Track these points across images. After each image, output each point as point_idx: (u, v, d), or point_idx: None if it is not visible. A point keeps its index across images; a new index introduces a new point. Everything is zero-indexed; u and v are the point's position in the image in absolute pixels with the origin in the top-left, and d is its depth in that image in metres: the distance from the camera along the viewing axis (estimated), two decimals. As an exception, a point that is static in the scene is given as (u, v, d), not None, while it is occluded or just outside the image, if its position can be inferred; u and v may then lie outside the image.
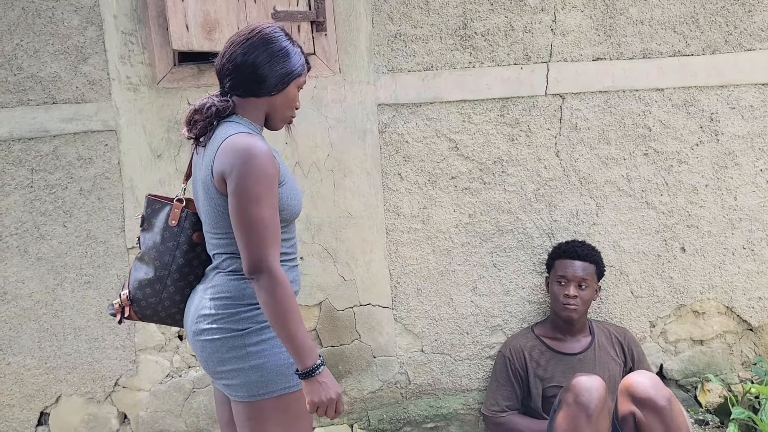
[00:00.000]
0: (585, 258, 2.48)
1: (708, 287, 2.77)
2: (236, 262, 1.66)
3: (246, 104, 1.69)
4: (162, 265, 1.75)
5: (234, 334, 1.63)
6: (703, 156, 2.71)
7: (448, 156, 2.63)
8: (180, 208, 1.77)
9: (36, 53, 2.46)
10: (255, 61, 1.64)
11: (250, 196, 1.53)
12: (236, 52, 1.65)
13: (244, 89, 1.67)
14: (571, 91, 2.63)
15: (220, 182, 1.58)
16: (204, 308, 1.67)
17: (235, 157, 1.54)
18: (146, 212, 1.82)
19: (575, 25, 2.61)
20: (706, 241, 2.75)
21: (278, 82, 1.67)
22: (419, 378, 2.72)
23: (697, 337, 2.80)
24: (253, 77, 1.65)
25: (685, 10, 2.64)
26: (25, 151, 2.50)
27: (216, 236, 1.67)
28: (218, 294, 1.67)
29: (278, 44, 1.66)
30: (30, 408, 2.59)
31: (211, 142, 1.65)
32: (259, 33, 1.66)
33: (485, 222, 2.67)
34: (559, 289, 2.46)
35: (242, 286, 1.65)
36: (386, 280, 2.65)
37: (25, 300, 2.55)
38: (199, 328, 1.68)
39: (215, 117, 1.66)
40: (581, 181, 2.68)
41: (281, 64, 1.66)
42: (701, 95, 2.68)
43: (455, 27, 2.58)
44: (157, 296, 1.76)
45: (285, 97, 1.70)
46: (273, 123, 1.75)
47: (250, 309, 1.65)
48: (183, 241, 1.76)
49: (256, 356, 1.63)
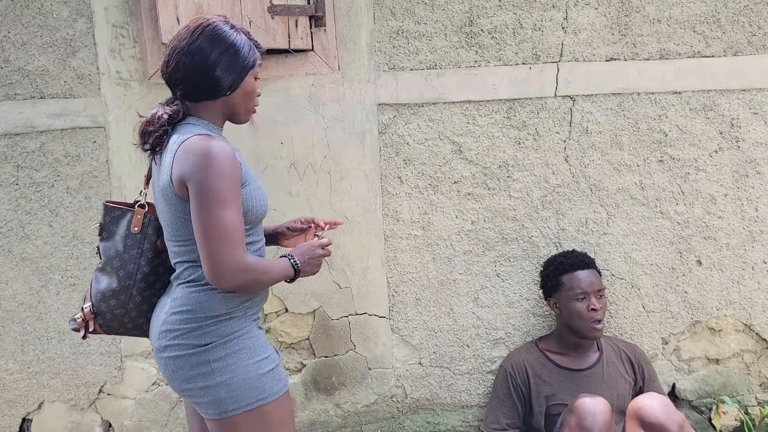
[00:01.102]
0: (591, 265, 2.36)
1: (725, 303, 2.62)
2: (197, 271, 1.59)
3: (201, 108, 1.62)
4: (126, 274, 1.68)
5: (197, 350, 1.56)
6: (723, 164, 2.56)
7: (450, 159, 2.50)
8: (142, 214, 1.70)
9: (24, 45, 2.37)
10: (204, 65, 1.55)
11: (212, 197, 1.46)
12: (181, 60, 1.56)
13: (198, 95, 1.59)
14: (582, 92, 2.49)
15: (180, 187, 1.51)
16: (165, 323, 1.60)
17: (194, 159, 1.48)
18: (104, 220, 1.73)
19: (588, 23, 2.47)
20: (724, 254, 2.59)
21: (233, 81, 1.59)
22: (416, 392, 2.59)
23: (713, 355, 2.65)
24: (206, 82, 1.57)
25: (706, 9, 2.50)
26: (11, 147, 2.41)
27: (177, 244, 1.60)
28: (179, 308, 1.59)
29: (225, 41, 1.57)
30: (12, 414, 2.50)
31: (167, 148, 1.57)
32: (201, 33, 1.56)
33: (489, 229, 2.53)
34: (581, 306, 2.28)
35: (203, 297, 1.58)
36: (383, 289, 2.53)
37: (8, 302, 2.46)
38: (161, 345, 1.61)
39: (168, 124, 1.58)
40: (591, 188, 2.54)
41: (233, 62, 1.57)
42: (721, 99, 2.53)
43: (461, 24, 2.45)
44: (122, 307, 1.68)
45: (242, 92, 1.62)
46: (237, 118, 1.68)
47: (212, 322, 1.57)
48: (147, 248, 1.69)
49: (221, 372, 1.55)
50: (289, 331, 2.51)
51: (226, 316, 1.58)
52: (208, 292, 1.58)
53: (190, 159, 1.48)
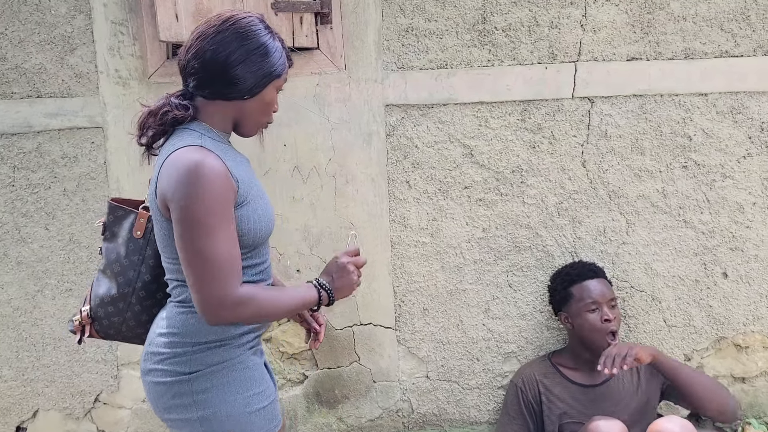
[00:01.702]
0: (600, 274, 2.25)
1: (753, 318, 2.47)
2: (186, 292, 1.42)
3: (211, 108, 1.44)
4: (126, 281, 1.55)
5: (180, 378, 1.42)
6: (752, 170, 2.41)
7: (461, 163, 2.38)
8: (146, 218, 1.55)
9: (21, 43, 2.31)
10: (227, 60, 1.38)
11: (196, 224, 1.30)
12: (204, 47, 1.39)
13: (211, 91, 1.42)
14: (601, 94, 2.36)
15: (164, 205, 1.36)
16: (152, 344, 1.48)
17: (177, 179, 1.31)
18: (108, 219, 1.61)
19: (608, 21, 2.34)
20: (751, 267, 2.44)
21: (253, 85, 1.42)
22: (423, 407, 2.48)
23: (739, 374, 2.50)
24: (223, 78, 1.40)
25: (735, 6, 2.35)
26: (8, 148, 2.35)
27: (167, 260, 1.46)
28: (165, 329, 1.46)
29: (256, 40, 1.41)
30: (5, 422, 2.44)
31: (162, 151, 1.43)
32: (233, 25, 1.40)
33: (501, 237, 2.41)
34: (594, 318, 2.15)
35: (191, 320, 1.43)
36: (389, 298, 2.42)
37: (3, 306, 2.40)
38: (146, 368, 1.48)
39: (171, 125, 1.43)
40: (610, 195, 2.40)
41: (258, 64, 1.41)
42: (751, 101, 2.38)
43: (473, 21, 2.34)
44: (120, 315, 1.56)
45: (260, 102, 1.45)
46: (245, 129, 1.50)
47: (200, 349, 1.43)
48: (149, 255, 1.55)
49: (204, 405, 1.41)
50: (290, 341, 2.41)
51: (217, 343, 1.43)
52: (198, 316, 1.41)
53: (173, 177, 1.32)
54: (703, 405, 2.11)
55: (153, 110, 1.44)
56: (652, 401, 2.21)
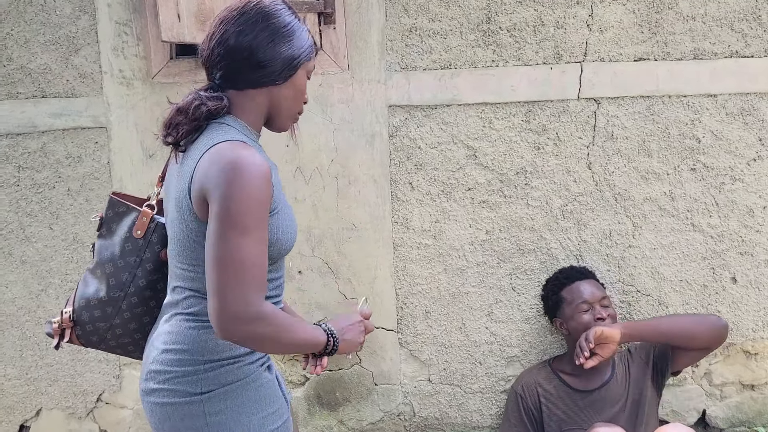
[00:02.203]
0: (590, 276, 2.24)
1: (763, 324, 2.42)
2: (200, 303, 1.33)
3: (244, 100, 1.35)
4: (118, 284, 1.44)
5: (191, 398, 1.31)
6: (762, 173, 2.36)
7: (465, 165, 2.36)
8: (149, 217, 1.46)
9: (26, 43, 2.32)
10: (252, 43, 1.31)
11: (232, 220, 1.20)
12: (228, 31, 1.32)
13: (240, 79, 1.33)
14: (607, 95, 2.33)
15: (199, 202, 1.27)
16: (155, 362, 1.35)
17: (220, 173, 1.22)
18: (106, 214, 1.50)
19: (615, 21, 2.31)
20: (762, 272, 2.39)
21: (284, 68, 1.33)
22: (425, 410, 2.46)
23: (748, 381, 2.45)
24: (251, 63, 1.31)
25: (746, 5, 2.30)
26: (13, 147, 2.37)
27: (181, 266, 1.35)
28: (172, 345, 1.34)
29: (281, 19, 1.33)
30: (9, 420, 2.46)
31: (193, 150, 1.32)
32: (256, 6, 1.33)
33: (504, 240, 2.38)
34: (587, 318, 2.14)
35: (204, 336, 1.32)
36: (392, 300, 2.40)
37: (8, 305, 2.42)
38: (148, 388, 1.36)
39: (205, 119, 1.32)
40: (616, 198, 2.37)
41: (286, 45, 1.33)
42: (761, 103, 2.33)
43: (478, 21, 2.31)
44: (107, 321, 1.44)
45: (292, 87, 1.37)
46: (279, 121, 1.41)
47: (212, 366, 1.32)
48: (148, 258, 1.45)
49: (218, 428, 1.32)
50: (292, 343, 2.40)
51: (231, 361, 1.34)
52: (211, 330, 1.30)
53: (214, 170, 1.23)
54: (696, 339, 2.13)
55: (182, 107, 1.34)
56: (645, 391, 2.18)
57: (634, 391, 2.16)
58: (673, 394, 2.44)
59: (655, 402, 2.19)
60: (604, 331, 2.01)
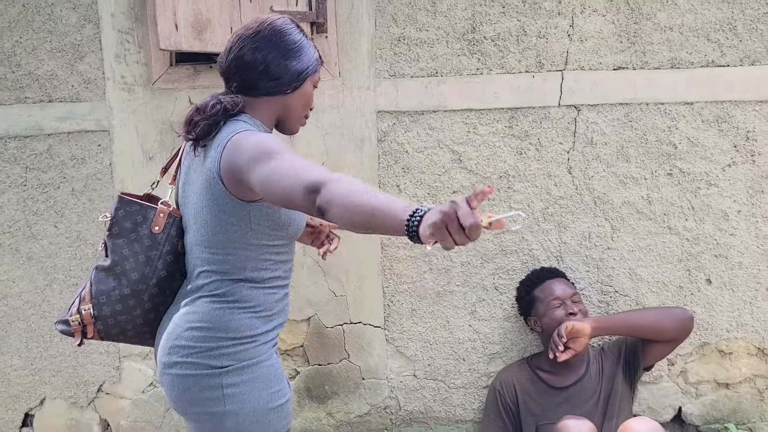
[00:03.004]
0: (559, 275, 2.32)
1: (736, 325, 2.49)
2: (225, 285, 1.47)
3: (257, 104, 1.53)
4: (141, 277, 1.54)
5: (211, 371, 1.44)
6: (737, 178, 2.44)
7: (450, 168, 2.46)
8: (167, 213, 1.57)
9: (34, 51, 2.44)
10: (267, 57, 1.50)
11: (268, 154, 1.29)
12: (246, 47, 1.51)
13: (255, 89, 1.52)
14: (587, 102, 2.41)
15: (233, 182, 1.39)
16: (179, 338, 1.48)
17: (244, 146, 1.37)
18: (117, 214, 1.59)
19: (595, 31, 2.40)
20: (735, 274, 2.47)
21: (293, 80, 1.53)
22: (410, 404, 2.55)
23: (722, 379, 2.52)
24: (266, 74, 1.51)
25: (722, 16, 2.38)
26: (21, 149, 2.48)
27: (209, 251, 1.48)
28: (197, 323, 1.47)
29: (291, 37, 1.53)
30: (15, 408, 2.57)
31: (214, 141, 1.46)
32: (270, 26, 1.52)
33: (487, 241, 2.48)
34: (560, 313, 2.22)
35: (228, 316, 1.46)
36: (379, 298, 2.50)
37: (14, 299, 2.53)
38: (171, 361, 1.48)
39: (222, 116, 1.48)
40: (595, 201, 2.45)
41: (296, 60, 1.52)
42: (736, 110, 2.41)
43: (463, 31, 2.41)
44: (129, 313, 1.55)
45: (302, 96, 1.56)
46: (289, 125, 1.61)
47: (233, 344, 1.46)
48: (167, 251, 1.56)
49: (233, 400, 1.44)
50: (284, 338, 2.51)
51: (249, 340, 1.48)
52: (234, 311, 1.47)
53: (241, 147, 1.38)
54: (666, 330, 2.21)
55: (200, 106, 1.51)
56: (617, 386, 2.25)
57: (607, 386, 2.24)
58: (649, 391, 2.51)
59: (628, 396, 2.27)
60: (575, 325, 2.10)
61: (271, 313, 1.54)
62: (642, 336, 2.21)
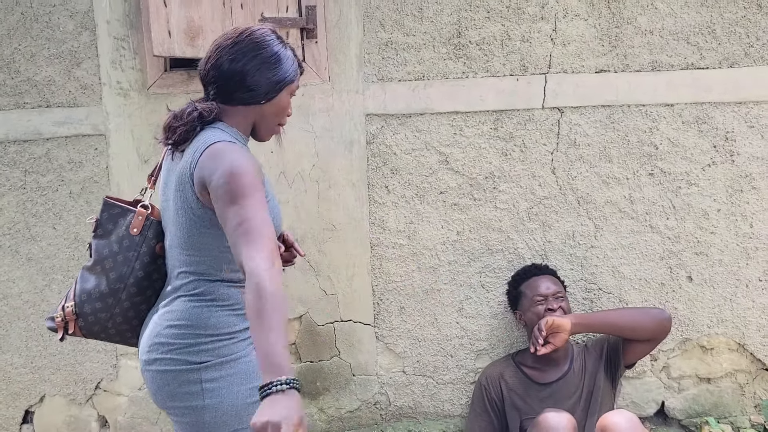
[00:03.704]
0: (547, 272, 2.37)
1: (717, 321, 2.55)
2: (203, 285, 1.51)
3: (232, 112, 1.57)
4: (118, 276, 1.59)
5: (190, 367, 1.48)
6: (716, 178, 2.50)
7: (437, 170, 2.52)
8: (144, 216, 1.62)
9: (32, 57, 2.50)
10: (244, 68, 1.51)
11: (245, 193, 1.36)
12: (223, 57, 1.53)
13: (231, 97, 1.55)
14: (570, 104, 2.48)
15: (203, 191, 1.44)
16: (159, 336, 1.52)
17: (218, 163, 1.40)
18: (102, 217, 1.66)
19: (577, 35, 2.46)
20: (716, 271, 2.52)
21: (269, 90, 1.55)
22: (400, 400, 2.61)
23: (704, 374, 2.58)
24: (242, 85, 1.53)
25: (701, 20, 2.45)
26: (20, 153, 2.54)
27: (186, 252, 1.52)
28: (176, 321, 1.51)
29: (269, 49, 1.54)
30: (15, 405, 2.63)
31: (191, 148, 1.51)
32: (249, 36, 1.54)
33: (474, 240, 2.54)
34: (540, 308, 2.30)
35: (206, 314, 1.50)
36: (369, 296, 2.56)
37: (14, 299, 2.59)
38: (150, 358, 1.52)
39: (199, 121, 1.52)
40: (579, 201, 2.51)
41: (273, 71, 1.54)
42: (716, 112, 2.47)
43: (449, 35, 2.47)
44: (108, 311, 1.59)
45: (276, 105, 1.58)
46: (261, 133, 1.62)
47: (211, 340, 1.49)
48: (144, 252, 1.60)
49: (211, 394, 1.48)
50: (276, 336, 2.56)
51: (227, 337, 1.51)
52: (213, 309, 1.50)
53: (214, 162, 1.41)
54: (643, 329, 2.26)
55: (177, 113, 1.55)
56: (599, 382, 2.31)
57: (589, 383, 2.30)
58: (633, 386, 2.57)
59: (609, 392, 2.33)
60: (555, 320, 2.16)
61: None
62: (620, 334, 2.27)
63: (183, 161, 1.51)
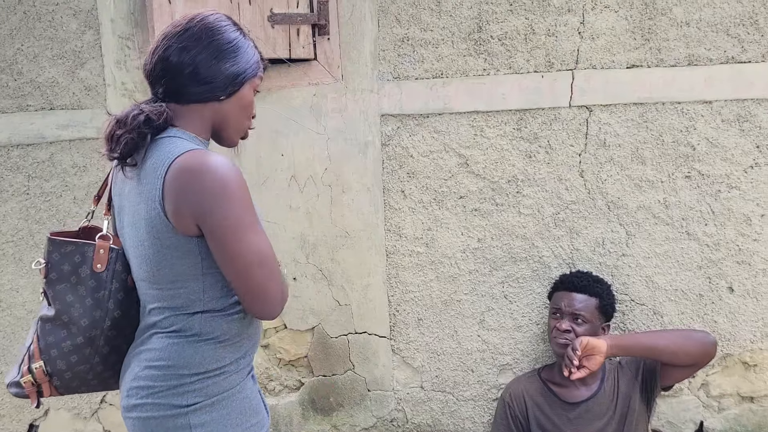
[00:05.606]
0: (584, 290, 2.18)
1: (761, 335, 2.36)
2: (180, 321, 1.32)
3: (187, 113, 1.34)
4: (92, 323, 1.36)
5: (176, 411, 1.30)
6: (759, 180, 2.31)
7: (456, 173, 2.37)
8: (107, 249, 1.37)
9: (35, 58, 2.42)
10: (196, 58, 1.30)
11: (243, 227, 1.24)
12: (171, 47, 1.31)
13: (183, 95, 1.32)
14: (599, 102, 2.31)
15: (180, 219, 1.25)
16: (137, 379, 1.33)
17: (204, 187, 1.22)
18: (52, 258, 1.39)
19: (607, 28, 2.29)
20: (759, 281, 2.34)
21: (227, 84, 1.33)
22: (418, 417, 2.47)
23: (747, 393, 2.40)
24: (195, 79, 1.31)
25: (742, 10, 2.27)
26: (23, 158, 2.46)
27: (156, 287, 1.33)
28: (155, 361, 1.32)
29: (225, 35, 1.33)
30: (20, 419, 2.55)
31: (149, 167, 1.28)
32: (201, 22, 1.33)
33: (496, 248, 2.39)
34: (552, 323, 2.19)
35: (188, 351, 1.31)
36: (384, 307, 2.43)
37: (18, 309, 2.51)
38: (130, 404, 1.34)
39: (146, 127, 1.29)
40: (609, 206, 2.35)
41: (230, 61, 1.33)
42: (759, 109, 2.29)
43: (469, 30, 2.33)
44: (87, 362, 1.38)
45: (238, 103, 1.37)
46: (227, 136, 1.40)
47: (198, 379, 1.31)
48: (117, 288, 1.38)
49: None
50: (287, 348, 2.45)
51: (216, 373, 1.34)
52: (195, 345, 1.31)
53: (197, 185, 1.22)
54: (685, 354, 2.07)
55: (120, 118, 1.31)
56: (633, 404, 2.15)
57: (623, 405, 2.13)
58: (669, 405, 2.40)
59: (644, 416, 2.16)
60: (590, 341, 2.00)
61: (238, 339, 1.38)
62: (660, 359, 2.09)
63: (145, 186, 1.29)
